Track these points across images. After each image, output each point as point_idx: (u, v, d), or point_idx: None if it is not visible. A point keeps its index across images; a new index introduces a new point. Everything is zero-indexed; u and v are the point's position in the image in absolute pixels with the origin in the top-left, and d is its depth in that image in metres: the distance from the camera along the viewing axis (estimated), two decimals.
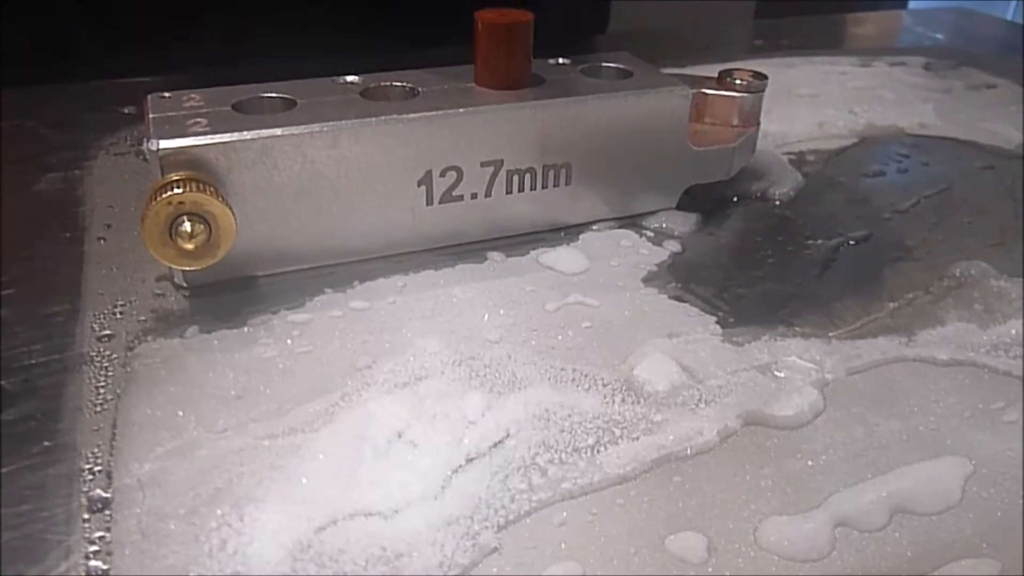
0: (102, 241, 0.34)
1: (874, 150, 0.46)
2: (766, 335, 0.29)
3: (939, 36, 0.69)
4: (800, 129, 0.46)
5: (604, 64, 0.36)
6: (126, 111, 0.46)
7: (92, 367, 0.27)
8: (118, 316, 0.29)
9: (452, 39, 0.37)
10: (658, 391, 0.26)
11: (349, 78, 0.34)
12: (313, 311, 0.30)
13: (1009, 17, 0.97)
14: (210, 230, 0.27)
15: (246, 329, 0.28)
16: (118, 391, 0.26)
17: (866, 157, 0.45)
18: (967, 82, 0.56)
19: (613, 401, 0.26)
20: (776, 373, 0.27)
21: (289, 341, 0.28)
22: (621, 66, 0.36)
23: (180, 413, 0.25)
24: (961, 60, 0.60)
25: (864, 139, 0.47)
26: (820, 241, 0.36)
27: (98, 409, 0.25)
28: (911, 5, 0.83)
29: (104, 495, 0.22)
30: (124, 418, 0.25)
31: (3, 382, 0.26)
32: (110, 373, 0.26)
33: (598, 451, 0.24)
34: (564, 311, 0.30)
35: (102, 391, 0.26)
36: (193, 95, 0.31)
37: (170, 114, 0.30)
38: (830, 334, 0.30)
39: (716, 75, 0.38)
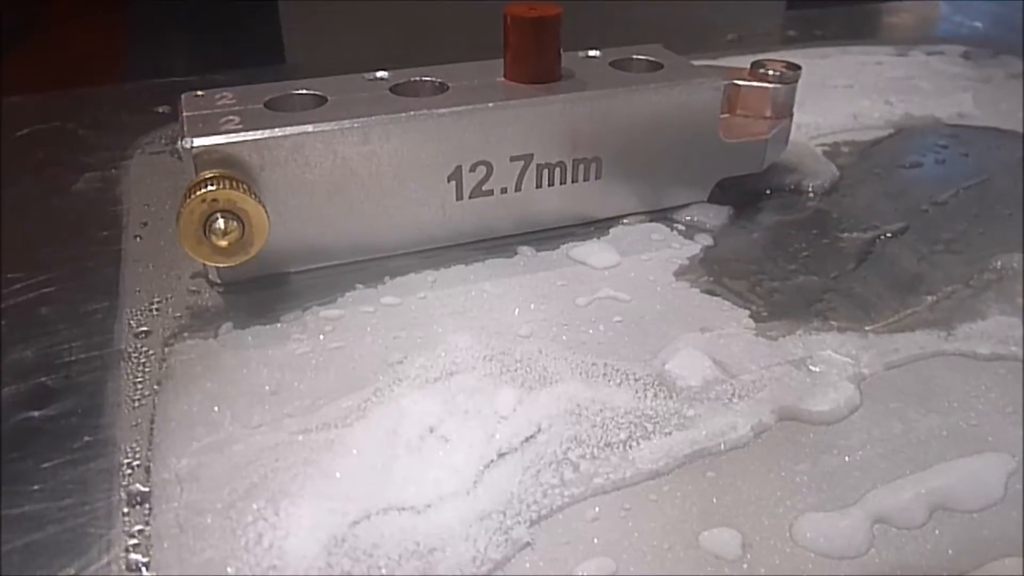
0: (139, 239, 0.34)
1: (911, 141, 0.45)
2: (800, 329, 0.29)
3: (978, 24, 0.68)
4: (834, 120, 0.46)
5: (635, 57, 0.36)
6: (161, 111, 0.47)
7: (130, 363, 0.27)
8: (155, 313, 0.29)
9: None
10: (691, 386, 0.26)
11: (379, 74, 0.34)
12: (345, 307, 0.30)
13: None
14: (243, 227, 0.28)
15: (279, 325, 0.29)
16: (155, 387, 0.26)
17: (903, 148, 0.44)
18: (1007, 71, 0.55)
19: (645, 396, 0.26)
20: (811, 368, 0.27)
21: (321, 337, 0.28)
22: (652, 58, 0.36)
23: (216, 409, 0.25)
24: (1001, 49, 0.59)
25: (901, 130, 0.46)
26: (855, 234, 0.35)
27: (136, 405, 0.25)
28: None
29: (143, 490, 0.22)
30: (161, 414, 0.25)
31: (45, 378, 0.26)
32: (147, 369, 0.27)
33: (630, 446, 0.24)
34: (595, 306, 0.30)
35: (140, 387, 0.26)
36: (226, 93, 0.31)
37: (204, 112, 0.30)
38: (866, 328, 0.29)
39: (748, 66, 0.37)
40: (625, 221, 0.35)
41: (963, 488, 0.23)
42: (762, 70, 0.37)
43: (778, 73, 0.37)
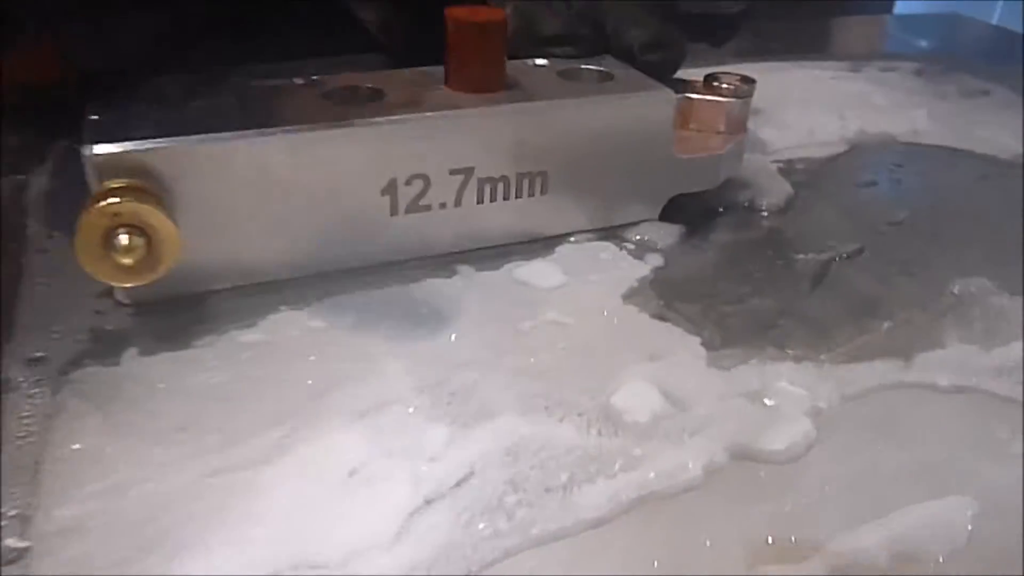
0: (43, 253, 0.31)
1: (866, 158, 0.44)
2: (755, 358, 0.27)
3: (929, 41, 0.68)
4: (789, 136, 0.45)
5: (583, 66, 0.34)
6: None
7: (18, 394, 0.24)
8: (53, 336, 0.27)
9: None
10: (638, 421, 0.24)
11: (311, 78, 0.31)
12: (266, 331, 0.27)
13: (995, 21, 0.95)
14: (150, 244, 0.25)
15: (192, 351, 0.26)
16: (45, 422, 0.23)
17: (858, 166, 0.43)
18: (960, 88, 0.55)
19: (589, 432, 0.24)
20: (766, 401, 0.26)
21: (239, 365, 0.26)
22: (601, 68, 0.34)
23: (112, 447, 0.23)
24: (953, 66, 0.59)
25: (855, 147, 0.45)
26: (810, 255, 0.34)
27: (20, 443, 0.23)
28: (896, 9, 0.81)
29: (20, 545, 0.20)
30: (50, 453, 0.22)
31: None
32: (38, 401, 0.24)
33: (572, 490, 0.22)
34: (538, 330, 0.28)
35: (26, 422, 0.23)
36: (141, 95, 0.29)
37: (113, 115, 0.27)
38: (822, 356, 0.28)
39: (701, 79, 0.36)
40: (572, 239, 0.33)
41: (926, 534, 0.22)
42: (716, 83, 0.36)
43: (732, 87, 0.36)
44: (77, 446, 0.23)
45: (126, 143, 0.26)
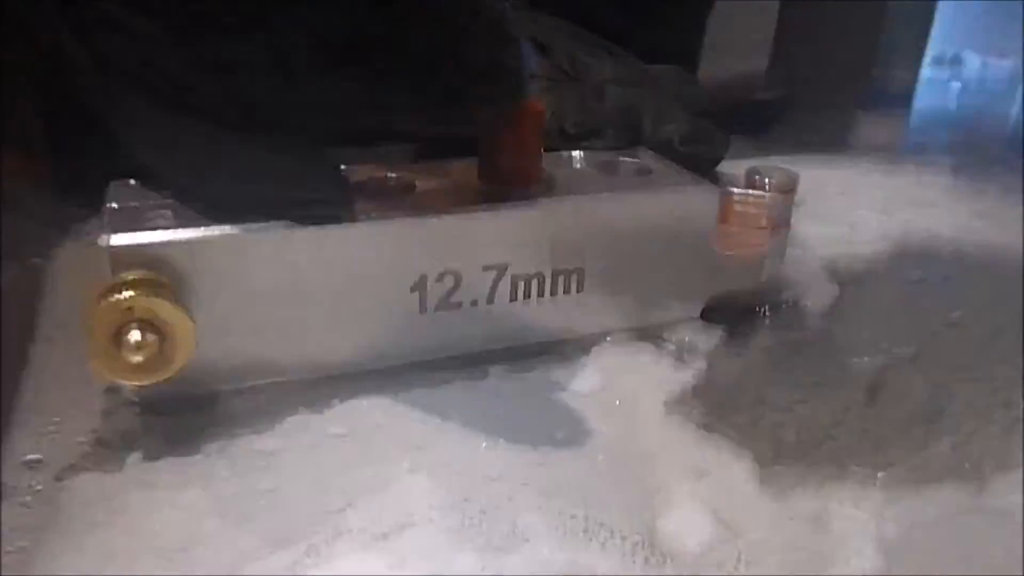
0: (50, 343, 0.30)
1: (912, 256, 0.42)
2: (811, 476, 0.25)
3: (958, 137, 0.67)
4: (832, 232, 0.43)
5: (622, 159, 0.33)
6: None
7: (10, 501, 0.22)
8: (53, 436, 0.25)
9: None
10: (688, 549, 0.22)
11: (340, 167, 0.30)
12: (283, 436, 0.25)
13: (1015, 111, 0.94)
14: (164, 340, 0.23)
15: (201, 457, 0.24)
16: (37, 534, 0.21)
17: (904, 263, 0.41)
18: (999, 184, 0.53)
19: (633, 562, 0.21)
20: (827, 527, 0.23)
21: (250, 475, 0.24)
22: (640, 162, 0.33)
23: (107, 568, 0.20)
24: (988, 161, 0.58)
25: (899, 244, 0.43)
26: (864, 359, 0.32)
27: (6, 558, 0.20)
28: (916, 108, 0.81)
29: None
30: (39, 569, 0.20)
31: None
32: (31, 510, 0.22)
33: None
34: (575, 440, 0.26)
35: (17, 534, 0.21)
36: None
37: (132, 204, 0.26)
38: (885, 475, 0.25)
39: (742, 173, 0.35)
40: (609, 339, 0.31)
41: None
42: (758, 177, 0.34)
43: (775, 181, 0.34)
44: (68, 562, 0.20)
45: (144, 234, 0.24)
